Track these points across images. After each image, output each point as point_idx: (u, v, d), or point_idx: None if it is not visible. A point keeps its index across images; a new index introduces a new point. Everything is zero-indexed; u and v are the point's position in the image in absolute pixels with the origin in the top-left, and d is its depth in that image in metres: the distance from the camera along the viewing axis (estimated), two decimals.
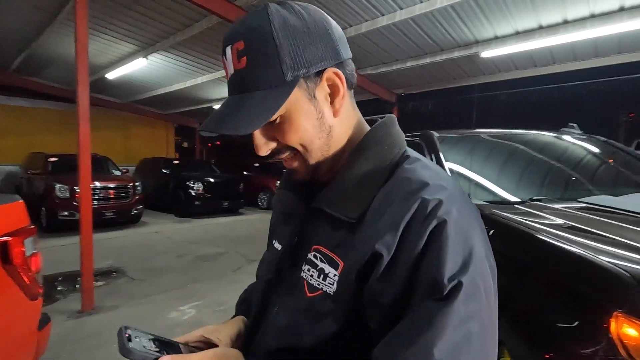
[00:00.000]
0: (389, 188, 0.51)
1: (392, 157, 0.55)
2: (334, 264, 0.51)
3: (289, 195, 0.64)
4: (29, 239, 1.58)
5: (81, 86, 3.43)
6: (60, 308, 3.32)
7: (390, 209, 0.48)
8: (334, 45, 0.53)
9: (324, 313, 0.50)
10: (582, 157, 2.50)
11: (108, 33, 6.60)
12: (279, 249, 0.64)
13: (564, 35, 4.98)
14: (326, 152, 0.56)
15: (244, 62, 0.50)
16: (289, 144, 0.54)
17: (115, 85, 9.86)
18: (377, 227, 0.48)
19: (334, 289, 0.50)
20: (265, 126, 0.52)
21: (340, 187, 0.54)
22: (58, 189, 6.53)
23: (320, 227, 0.55)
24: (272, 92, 0.49)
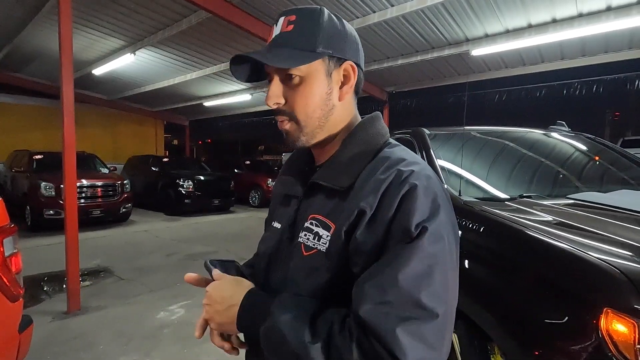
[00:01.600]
0: (373, 164, 0.62)
1: (376, 143, 0.66)
2: (326, 227, 0.61)
3: (290, 179, 0.74)
4: (8, 238, 1.52)
5: (65, 82, 3.34)
6: (45, 309, 3.24)
7: (373, 178, 0.59)
8: (357, 51, 0.68)
9: (317, 267, 0.60)
10: (570, 155, 2.52)
11: (94, 28, 6.45)
12: (278, 228, 0.72)
13: (553, 34, 5.03)
14: (322, 125, 0.66)
15: (291, 28, 0.63)
16: (294, 109, 0.64)
17: (102, 82, 9.66)
18: (362, 192, 0.59)
19: (327, 247, 0.60)
20: (284, 82, 0.64)
21: (334, 165, 0.65)
22: (43, 187, 6.38)
23: (316, 199, 0.66)
24: (303, 53, 0.62)
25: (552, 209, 1.58)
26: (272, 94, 0.64)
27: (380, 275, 0.52)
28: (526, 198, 1.76)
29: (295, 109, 0.64)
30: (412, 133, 2.54)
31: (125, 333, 2.79)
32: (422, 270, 0.51)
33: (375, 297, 0.51)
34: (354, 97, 0.71)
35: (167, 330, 2.83)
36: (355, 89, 0.69)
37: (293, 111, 0.64)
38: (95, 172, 7.79)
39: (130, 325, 2.92)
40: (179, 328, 2.87)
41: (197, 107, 11.75)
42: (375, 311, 0.50)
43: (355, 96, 0.71)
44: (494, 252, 1.41)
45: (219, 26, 5.91)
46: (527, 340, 1.20)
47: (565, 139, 2.58)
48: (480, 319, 1.34)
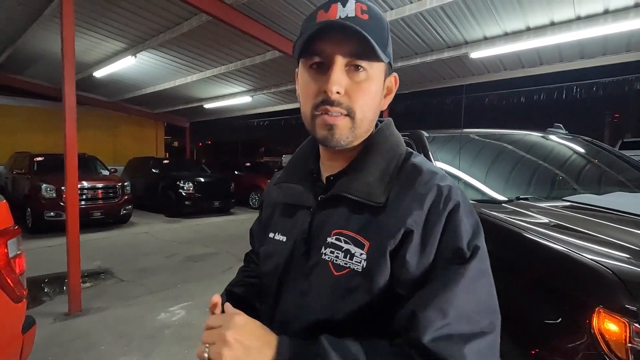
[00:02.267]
0: (405, 178, 0.60)
1: (400, 153, 0.64)
2: (359, 245, 0.57)
3: (295, 187, 0.68)
4: (12, 240, 1.55)
5: (67, 84, 3.37)
6: (47, 310, 3.26)
7: (411, 193, 0.58)
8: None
9: (353, 288, 0.56)
10: (567, 157, 2.54)
11: (95, 30, 6.49)
12: (284, 241, 0.67)
13: (551, 37, 5.07)
14: (370, 129, 0.63)
15: (367, 17, 0.57)
16: (355, 104, 0.58)
17: (103, 84, 9.70)
18: (402, 209, 0.57)
19: (363, 266, 0.56)
20: (347, 73, 0.58)
21: (361, 176, 0.61)
22: (44, 189, 6.40)
23: (339, 213, 0.61)
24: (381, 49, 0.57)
25: (549, 211, 1.61)
26: (337, 79, 0.56)
27: (438, 298, 0.50)
28: (523, 200, 1.78)
29: (355, 104, 0.58)
30: (411, 135, 2.57)
31: (126, 334, 2.80)
32: (479, 288, 0.53)
33: (438, 322, 0.49)
34: None
35: (168, 332, 2.85)
36: None
37: (352, 106, 0.58)
38: (96, 174, 7.82)
39: (131, 327, 2.94)
40: (179, 329, 2.89)
41: (198, 109, 11.79)
42: (440, 336, 0.49)
43: None
44: (491, 254, 1.43)
45: (219, 29, 5.94)
46: (523, 340, 1.22)
47: (562, 142, 2.60)
48: None
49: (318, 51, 0.57)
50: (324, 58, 0.57)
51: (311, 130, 0.62)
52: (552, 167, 2.36)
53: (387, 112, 8.95)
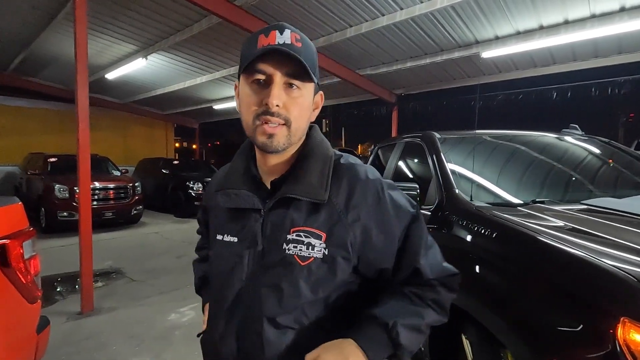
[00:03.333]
0: (340, 176, 0.74)
1: (331, 155, 0.77)
2: (317, 237, 0.70)
3: (241, 192, 0.76)
4: (27, 241, 1.56)
5: (80, 86, 3.41)
6: (60, 309, 3.31)
7: (350, 188, 0.73)
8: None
9: (318, 272, 0.70)
10: (583, 159, 2.48)
11: (107, 33, 6.58)
12: (235, 241, 0.76)
13: (565, 36, 4.97)
14: (301, 138, 0.75)
15: (300, 45, 0.68)
16: (290, 116, 0.68)
17: (114, 86, 9.84)
18: (347, 203, 0.72)
19: (325, 253, 0.70)
20: (284, 88, 0.68)
21: (303, 179, 0.71)
22: (57, 189, 6.51)
23: (291, 213, 0.71)
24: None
25: (565, 214, 1.57)
26: (277, 94, 0.67)
27: (422, 251, 0.74)
28: (539, 203, 1.74)
29: (291, 115, 0.69)
30: (422, 137, 2.54)
31: (137, 334, 2.83)
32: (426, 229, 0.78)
33: (428, 264, 0.74)
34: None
35: (178, 332, 2.86)
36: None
37: (289, 117, 0.68)
38: (108, 174, 7.93)
39: (142, 327, 2.96)
40: (189, 330, 2.90)
41: (207, 110, 11.87)
42: (433, 269, 0.75)
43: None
44: (507, 259, 1.40)
45: (229, 31, 5.97)
46: (540, 348, 1.18)
47: (578, 143, 2.54)
48: (493, 325, 1.33)
49: (261, 70, 0.68)
50: (266, 76, 0.68)
51: (252, 137, 0.72)
52: (568, 170, 2.31)
53: (397, 112, 8.89)
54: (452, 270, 0.78)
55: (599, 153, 2.47)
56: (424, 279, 0.74)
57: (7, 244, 1.43)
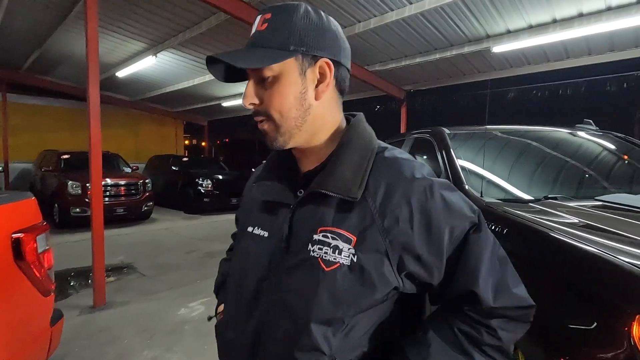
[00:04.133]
0: (381, 172, 0.64)
1: (373, 147, 0.67)
2: (346, 240, 0.61)
3: (273, 185, 0.71)
4: (41, 235, 1.59)
5: (92, 85, 3.45)
6: (73, 303, 3.37)
7: (391, 187, 0.62)
8: (338, 47, 0.65)
9: (346, 282, 0.59)
10: (597, 154, 2.43)
11: (118, 31, 6.65)
12: (265, 236, 0.69)
13: (579, 29, 4.85)
14: (300, 125, 0.64)
15: (265, 27, 0.63)
16: (269, 109, 0.63)
17: (124, 83, 9.95)
18: (386, 204, 0.61)
19: (352, 260, 0.59)
20: (258, 83, 0.64)
21: (337, 173, 0.63)
22: (70, 185, 6.63)
23: (321, 210, 0.63)
24: (275, 52, 0.61)
25: (579, 210, 1.53)
26: (247, 94, 0.64)
27: (482, 270, 0.61)
28: (551, 199, 1.71)
29: (269, 109, 0.63)
30: (432, 132, 2.51)
31: (148, 328, 2.87)
32: (495, 243, 0.64)
33: (490, 287, 0.60)
34: (338, 97, 0.68)
35: (188, 327, 2.90)
36: (338, 87, 0.67)
37: (268, 110, 0.63)
38: (119, 171, 8.04)
39: (153, 321, 3.01)
40: (199, 325, 2.93)
41: (216, 107, 11.94)
42: (497, 295, 0.61)
43: (341, 96, 0.69)
44: (518, 255, 1.37)
45: (237, 27, 5.98)
46: (552, 346, 1.16)
47: (592, 138, 2.49)
48: None
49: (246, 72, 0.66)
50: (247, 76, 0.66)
51: None
52: (581, 165, 2.26)
53: (405, 109, 8.83)
54: (526, 301, 0.62)
55: (614, 149, 2.41)
56: (483, 307, 0.60)
57: (21, 237, 1.46)
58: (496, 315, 0.60)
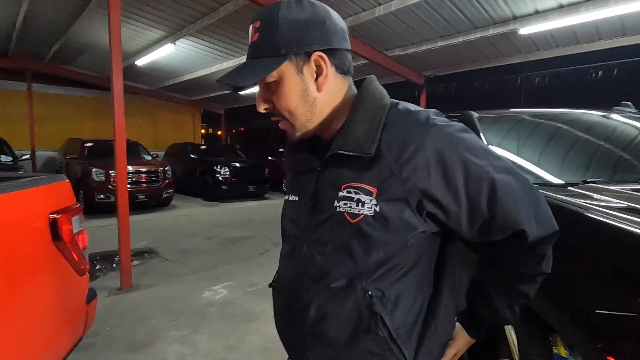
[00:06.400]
0: (394, 125, 0.66)
1: (385, 104, 0.69)
2: (368, 193, 0.65)
3: (302, 156, 0.78)
4: (75, 216, 1.63)
5: (115, 73, 3.49)
6: (101, 285, 3.49)
7: (405, 138, 0.64)
8: (327, 35, 0.66)
9: (370, 230, 0.65)
10: (635, 137, 2.31)
11: (137, 19, 6.71)
12: (296, 200, 0.78)
13: (614, 8, 4.59)
14: (310, 118, 0.69)
15: (257, 37, 0.66)
16: (280, 110, 0.68)
17: (144, 72, 10.08)
18: (402, 155, 0.63)
19: (376, 210, 0.64)
20: (264, 88, 0.69)
21: (351, 133, 0.67)
22: (94, 172, 6.81)
23: (342, 169, 0.68)
24: (269, 60, 0.65)
25: (625, 194, 1.46)
26: (258, 100, 0.71)
27: (518, 207, 0.65)
28: (591, 183, 1.63)
29: (280, 109, 0.68)
30: (460, 116, 2.43)
31: (174, 310, 2.95)
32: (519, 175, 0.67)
33: (529, 219, 0.66)
34: (343, 79, 0.71)
35: (212, 309, 2.96)
36: (340, 72, 0.70)
37: (280, 111, 0.69)
38: (140, 159, 8.20)
39: (178, 303, 3.08)
40: (223, 307, 2.99)
41: (233, 95, 11.99)
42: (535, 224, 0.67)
43: (346, 75, 0.71)
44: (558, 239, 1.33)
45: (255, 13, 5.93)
46: (594, 332, 1.12)
47: (628, 121, 2.36)
48: (541, 308, 1.27)
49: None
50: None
51: None
52: (618, 149, 2.15)
53: (425, 95, 8.61)
54: (555, 227, 0.70)
55: None
56: (528, 241, 0.66)
57: (57, 218, 1.50)
58: (540, 244, 0.68)
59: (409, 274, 0.69)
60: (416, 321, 0.70)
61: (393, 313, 0.67)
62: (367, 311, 0.67)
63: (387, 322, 0.66)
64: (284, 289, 0.80)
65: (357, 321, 0.67)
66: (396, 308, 0.68)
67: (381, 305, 0.66)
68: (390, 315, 0.67)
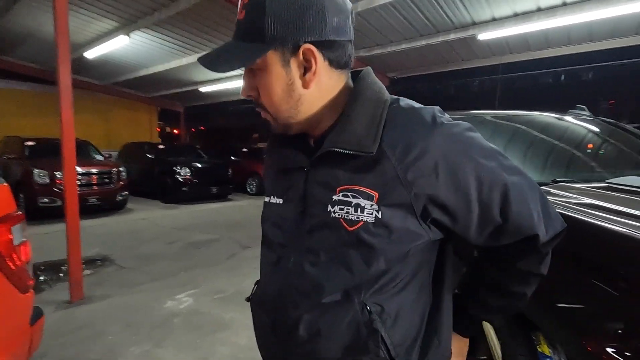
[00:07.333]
0: (396, 122, 0.59)
1: (385, 99, 0.62)
2: (368, 197, 0.58)
3: (287, 152, 0.68)
4: (16, 226, 1.42)
5: (62, 65, 3.18)
6: (47, 298, 3.14)
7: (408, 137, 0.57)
8: (323, 24, 0.56)
9: (370, 239, 0.58)
10: (593, 140, 2.46)
11: (87, 7, 6.19)
12: (280, 203, 0.69)
13: (562, 18, 4.94)
14: (294, 114, 0.61)
15: (243, 15, 0.58)
16: (263, 101, 0.61)
17: (94, 66, 9.36)
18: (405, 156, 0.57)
19: (377, 216, 0.57)
20: (249, 73, 0.61)
21: (348, 129, 0.59)
22: (37, 174, 6.19)
23: (336, 170, 0.60)
24: (253, 46, 0.57)
25: (592, 192, 1.52)
26: (243, 86, 0.63)
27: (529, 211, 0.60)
28: (561, 182, 1.69)
29: (262, 100, 0.61)
30: None
31: (134, 323, 2.71)
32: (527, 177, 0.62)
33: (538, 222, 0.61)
34: (338, 75, 0.62)
35: (177, 320, 2.76)
36: (336, 66, 0.60)
37: (262, 102, 0.62)
38: (91, 159, 7.59)
39: (138, 315, 2.85)
40: (188, 317, 2.80)
41: (193, 92, 11.50)
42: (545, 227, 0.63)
43: (343, 70, 0.62)
44: None
45: (218, 7, 5.69)
46: (576, 328, 1.14)
47: (584, 124, 2.51)
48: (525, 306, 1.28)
49: None
50: None
51: None
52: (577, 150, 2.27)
53: None
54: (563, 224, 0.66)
55: (606, 133, 2.44)
56: (539, 244, 0.62)
57: None
58: (548, 246, 0.64)
59: (410, 285, 0.63)
60: (417, 337, 0.65)
61: (392, 329, 0.61)
62: (365, 329, 0.60)
63: (386, 340, 0.60)
64: (267, 304, 0.71)
65: (354, 340, 0.61)
66: (396, 324, 0.62)
67: (380, 321, 0.60)
68: (389, 332, 0.61)
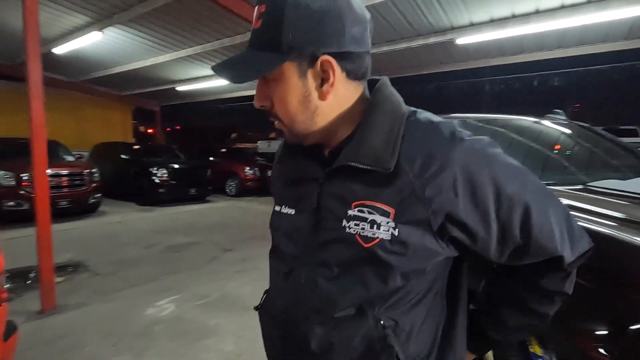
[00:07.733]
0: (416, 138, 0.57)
1: (403, 112, 0.61)
2: (384, 213, 0.57)
3: (300, 163, 0.67)
4: None
5: (32, 61, 3.01)
6: (16, 309, 2.95)
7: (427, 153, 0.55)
8: (341, 34, 0.55)
9: (387, 256, 0.57)
10: (569, 143, 2.56)
11: (58, 1, 5.88)
12: (292, 214, 0.67)
13: (535, 25, 5.14)
14: (309, 126, 0.60)
15: (260, 24, 0.57)
16: (278, 112, 0.60)
17: (64, 62, 8.92)
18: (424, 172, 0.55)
19: (393, 234, 0.56)
20: (263, 83, 0.60)
21: (365, 142, 0.58)
22: (1, 176, 5.83)
23: (352, 184, 0.59)
24: (269, 56, 0.56)
25: (571, 194, 1.58)
26: (256, 95, 0.62)
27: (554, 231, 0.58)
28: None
29: (278, 112, 0.60)
30: None
31: (113, 332, 2.59)
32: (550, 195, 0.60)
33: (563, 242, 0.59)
34: (355, 86, 0.61)
35: (159, 328, 2.66)
36: (353, 77, 0.59)
37: (277, 113, 0.61)
38: (61, 160, 7.23)
39: (117, 324, 2.72)
40: (171, 324, 2.71)
41: (170, 91, 11.20)
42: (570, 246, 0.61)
43: (360, 81, 0.61)
44: None
45: (197, 4, 5.56)
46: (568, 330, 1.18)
47: (560, 128, 2.61)
48: None
49: None
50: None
51: None
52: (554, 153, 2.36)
53: None
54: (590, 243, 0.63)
55: (583, 138, 2.55)
56: (564, 265, 0.61)
57: None
58: (573, 265, 0.62)
59: (424, 299, 0.62)
60: (431, 352, 0.64)
61: (407, 344, 0.61)
62: (378, 344, 0.59)
63: (400, 355, 0.59)
64: (277, 317, 0.70)
65: (367, 355, 0.60)
66: (410, 339, 0.61)
67: (395, 336, 0.60)
68: (403, 347, 0.60)
